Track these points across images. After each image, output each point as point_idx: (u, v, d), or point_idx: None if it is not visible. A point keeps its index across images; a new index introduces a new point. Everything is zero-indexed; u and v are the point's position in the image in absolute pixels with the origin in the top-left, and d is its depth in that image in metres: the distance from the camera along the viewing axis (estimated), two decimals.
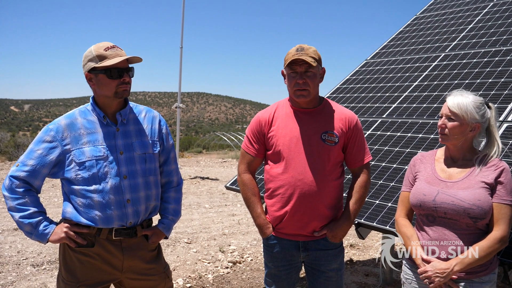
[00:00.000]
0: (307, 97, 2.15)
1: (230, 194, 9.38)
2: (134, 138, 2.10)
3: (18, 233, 5.65)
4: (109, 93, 2.00)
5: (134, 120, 2.14)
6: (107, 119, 2.05)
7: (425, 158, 2.15)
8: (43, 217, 2.00)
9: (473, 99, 1.96)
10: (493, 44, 4.22)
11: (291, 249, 2.24)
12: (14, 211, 1.94)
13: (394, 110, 3.91)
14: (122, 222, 2.04)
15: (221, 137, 28.13)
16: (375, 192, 2.96)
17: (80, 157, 1.98)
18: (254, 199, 2.30)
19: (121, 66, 1.98)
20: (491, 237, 1.87)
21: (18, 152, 19.68)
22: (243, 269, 4.63)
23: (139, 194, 2.07)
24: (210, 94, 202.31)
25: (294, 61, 2.09)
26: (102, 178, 1.99)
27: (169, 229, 2.25)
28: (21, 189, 1.95)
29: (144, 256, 2.14)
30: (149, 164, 2.13)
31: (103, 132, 2.03)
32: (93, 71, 1.98)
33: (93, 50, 1.97)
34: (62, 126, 2.01)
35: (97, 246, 2.02)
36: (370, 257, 5.10)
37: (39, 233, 1.97)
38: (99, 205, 1.99)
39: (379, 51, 5.40)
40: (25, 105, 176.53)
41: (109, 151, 2.02)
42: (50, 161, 1.98)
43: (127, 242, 2.07)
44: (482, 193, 1.89)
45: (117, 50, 1.99)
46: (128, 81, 2.02)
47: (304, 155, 2.15)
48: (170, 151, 2.29)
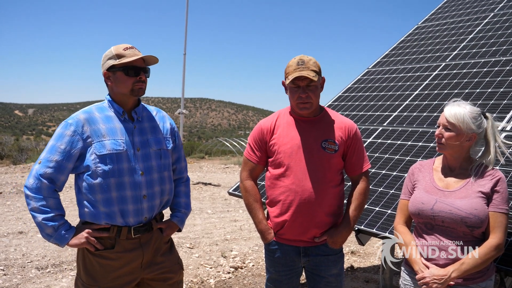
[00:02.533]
0: (310, 109, 2.22)
1: (233, 200, 9.42)
2: (149, 134, 2.17)
3: (22, 236, 5.71)
4: (126, 91, 2.07)
5: (148, 117, 2.22)
6: (125, 115, 2.12)
7: (423, 167, 2.20)
8: (64, 221, 2.02)
9: (469, 110, 2.00)
10: (493, 54, 4.28)
11: (292, 254, 2.28)
12: (37, 212, 1.94)
13: (395, 119, 3.96)
14: (137, 218, 2.08)
15: (223, 142, 28.20)
16: (375, 199, 3.01)
17: (101, 149, 2.01)
18: (256, 205, 2.35)
19: (138, 65, 2.07)
20: (487, 244, 1.91)
21: (21, 156, 19.77)
22: (244, 274, 4.66)
23: (154, 190, 2.13)
24: (213, 100, 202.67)
25: (296, 78, 2.14)
26: (120, 173, 2.03)
27: (183, 221, 2.34)
28: (45, 189, 1.96)
29: (160, 249, 2.20)
30: (164, 159, 2.20)
31: (121, 127, 2.09)
32: (111, 69, 2.06)
33: (113, 49, 2.07)
34: (82, 120, 2.04)
35: (117, 247, 2.05)
36: (371, 264, 5.13)
37: (60, 237, 1.98)
38: (116, 199, 2.02)
39: (381, 60, 5.46)
40: (29, 110, 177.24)
41: (127, 146, 2.07)
42: (74, 154, 2.00)
43: (144, 237, 2.13)
44: (479, 202, 1.94)
45: (135, 51, 2.09)
46: (144, 79, 2.10)
47: (304, 162, 2.21)
48: (181, 149, 2.39)
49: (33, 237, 5.71)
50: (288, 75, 2.17)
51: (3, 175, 11.70)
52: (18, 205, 7.79)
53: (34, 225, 6.30)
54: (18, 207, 7.67)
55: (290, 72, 2.17)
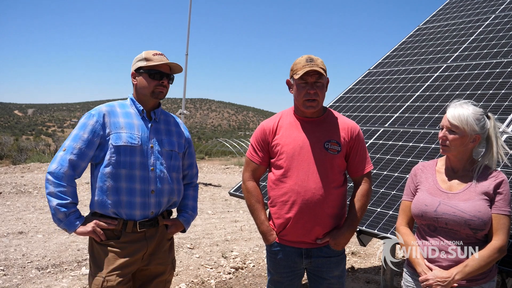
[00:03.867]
0: (316, 107, 2.22)
1: (233, 201, 9.41)
2: (164, 136, 2.31)
3: (22, 237, 5.71)
4: (147, 92, 2.23)
5: (164, 121, 2.37)
6: (144, 114, 2.27)
7: (426, 168, 2.19)
8: (76, 209, 2.14)
9: (473, 111, 2.00)
10: (494, 55, 4.28)
11: (294, 256, 2.28)
12: (54, 197, 2.06)
13: (396, 120, 3.96)
14: (144, 211, 2.18)
15: (223, 143, 28.19)
16: (377, 200, 3.01)
17: (117, 140, 2.15)
18: (258, 206, 2.35)
19: (163, 71, 2.24)
20: (490, 246, 1.91)
21: (21, 156, 19.75)
22: (245, 275, 4.66)
23: (163, 187, 2.23)
24: (213, 100, 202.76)
25: (306, 72, 2.15)
26: (132, 165, 2.15)
27: (188, 222, 2.44)
28: (66, 176, 2.08)
29: (163, 245, 2.30)
30: (174, 161, 2.32)
31: (138, 124, 2.23)
32: (138, 70, 2.23)
33: (143, 53, 2.25)
34: (103, 112, 2.20)
35: (123, 238, 2.16)
36: (372, 264, 5.13)
37: (69, 223, 2.09)
38: (125, 191, 2.14)
39: (382, 61, 5.46)
40: (29, 110, 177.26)
41: (142, 142, 2.20)
42: (95, 143, 2.15)
43: (150, 232, 2.23)
44: (482, 205, 1.93)
45: (163, 57, 2.26)
46: (165, 84, 2.27)
47: (307, 163, 2.20)
48: (193, 156, 2.53)
49: (33, 237, 5.70)
50: (297, 71, 2.18)
51: (2, 175, 11.69)
52: (18, 205, 7.78)
53: (34, 225, 6.30)
54: (18, 207, 7.66)
55: (299, 68, 2.17)
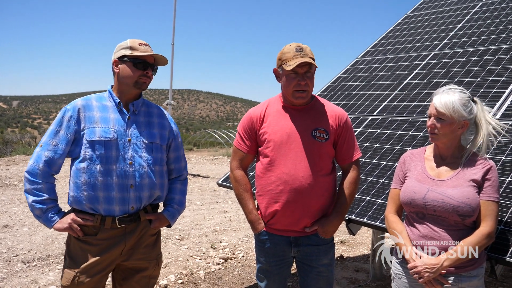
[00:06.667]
0: (306, 98, 2.18)
1: (221, 191, 9.39)
2: (143, 128, 2.23)
3: (8, 230, 5.61)
4: (130, 82, 2.17)
5: (145, 113, 2.28)
6: (121, 106, 2.20)
7: (414, 156, 2.18)
8: (54, 205, 2.12)
9: (459, 97, 1.98)
10: (482, 43, 4.28)
11: (282, 244, 2.26)
12: (30, 194, 2.07)
13: (385, 108, 3.95)
14: (123, 206, 2.12)
15: (212, 134, 28.06)
16: (366, 188, 3.00)
17: (91, 135, 2.09)
18: (246, 195, 2.32)
19: (148, 61, 2.18)
20: (479, 233, 1.91)
21: (6, 149, 19.42)
22: (234, 266, 4.65)
23: (142, 181, 2.16)
24: (201, 91, 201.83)
25: (298, 64, 2.08)
26: (108, 160, 2.10)
27: (174, 217, 2.36)
28: (41, 173, 2.08)
29: (144, 240, 2.23)
30: (155, 154, 2.24)
31: (115, 118, 2.17)
32: (122, 58, 2.16)
33: (128, 41, 2.19)
34: (78, 106, 2.15)
35: (100, 234, 2.11)
36: (360, 253, 5.16)
37: (46, 219, 2.09)
38: (102, 186, 2.08)
39: (370, 49, 5.44)
40: (14, 102, 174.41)
41: (118, 135, 2.14)
42: (70, 139, 2.12)
43: (130, 227, 2.18)
44: (470, 191, 1.93)
45: (148, 48, 2.20)
46: (149, 75, 2.21)
47: (295, 151, 2.17)
48: (181, 148, 2.44)
49: (19, 231, 5.61)
50: (287, 61, 2.12)
51: None
52: (3, 198, 7.65)
53: (20, 219, 6.21)
54: (3, 200, 7.53)
55: (289, 59, 2.11)
